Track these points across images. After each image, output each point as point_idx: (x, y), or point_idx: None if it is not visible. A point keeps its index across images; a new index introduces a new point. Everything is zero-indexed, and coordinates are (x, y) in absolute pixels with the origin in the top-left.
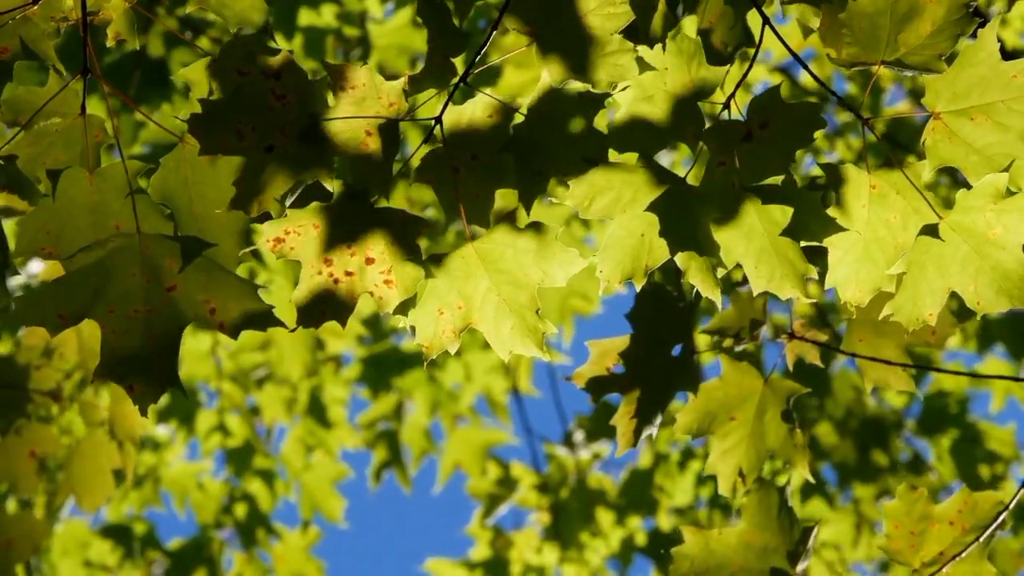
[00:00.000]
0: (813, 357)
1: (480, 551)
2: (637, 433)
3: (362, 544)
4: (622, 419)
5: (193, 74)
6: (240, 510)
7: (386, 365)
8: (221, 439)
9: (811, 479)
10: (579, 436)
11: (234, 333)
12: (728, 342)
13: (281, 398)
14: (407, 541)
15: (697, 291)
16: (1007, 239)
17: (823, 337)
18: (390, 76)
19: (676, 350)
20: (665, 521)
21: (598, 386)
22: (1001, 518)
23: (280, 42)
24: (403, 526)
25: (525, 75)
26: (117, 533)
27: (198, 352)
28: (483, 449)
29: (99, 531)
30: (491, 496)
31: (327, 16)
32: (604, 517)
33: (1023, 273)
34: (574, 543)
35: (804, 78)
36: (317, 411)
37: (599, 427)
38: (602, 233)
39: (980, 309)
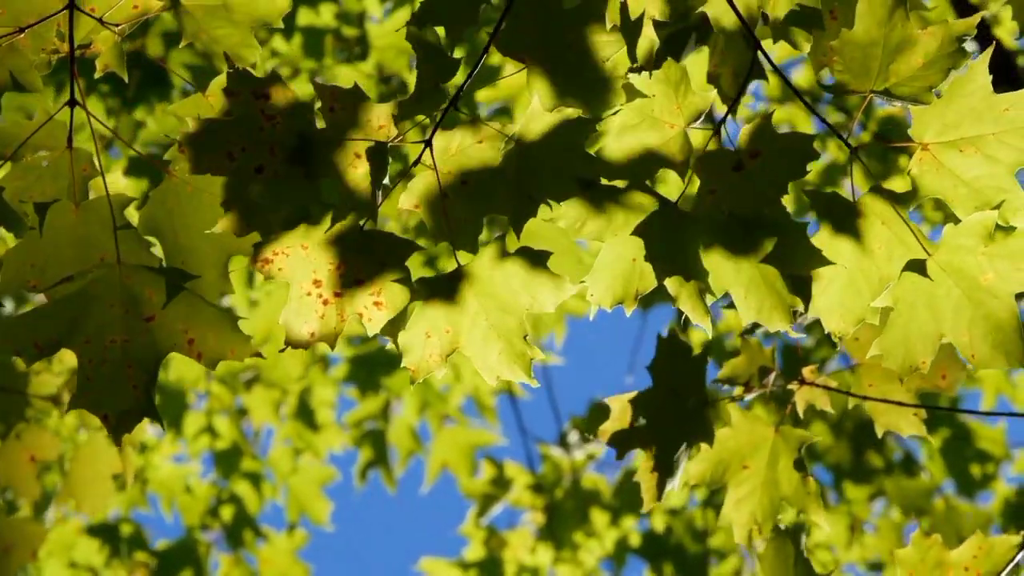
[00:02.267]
0: (824, 403)
1: (474, 551)
2: (660, 487)
3: (350, 547)
4: (644, 474)
5: (183, 111)
6: (227, 512)
7: (374, 365)
8: (209, 441)
9: (826, 527)
10: (574, 437)
11: (212, 364)
12: (739, 391)
13: (270, 400)
14: (396, 543)
15: (707, 343)
16: (999, 287)
17: (834, 383)
18: (389, 76)
19: (691, 400)
20: (659, 522)
21: (622, 441)
22: (1016, 561)
23: (278, 43)
24: (392, 528)
25: (522, 77)
26: (103, 534)
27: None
28: (471, 449)
29: (85, 532)
30: (485, 496)
31: (326, 16)
32: (598, 518)
33: (1016, 326)
34: (568, 543)
35: (793, 80)
36: (305, 414)
37: (594, 428)
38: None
39: (976, 364)
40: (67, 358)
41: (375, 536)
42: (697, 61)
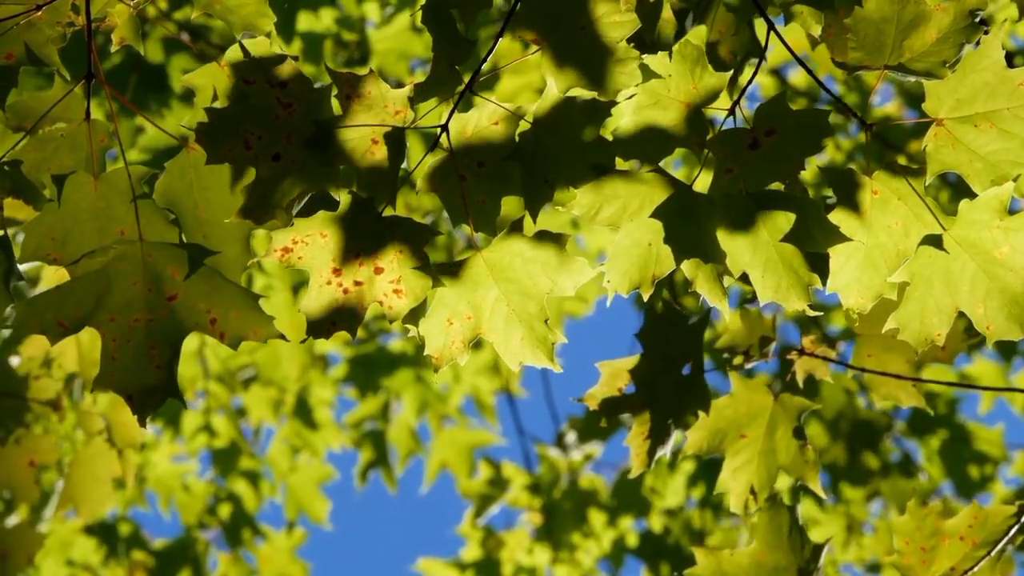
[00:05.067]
0: (823, 373)
1: (471, 551)
2: (651, 454)
3: (349, 546)
4: (635, 440)
5: (197, 80)
6: (225, 511)
7: (374, 365)
8: (207, 439)
9: (823, 495)
10: (571, 437)
11: (235, 344)
12: (738, 359)
13: (268, 399)
14: (394, 543)
15: (705, 309)
16: (1015, 260)
17: (832, 353)
18: (389, 81)
19: (686, 369)
20: (657, 522)
21: (610, 407)
22: (1012, 532)
23: (278, 47)
24: (390, 528)
25: (521, 80)
26: (101, 533)
27: (184, 352)
28: (470, 450)
29: (83, 531)
30: (482, 496)
31: (326, 21)
32: (596, 518)
33: None
34: (566, 544)
35: (794, 79)
36: (304, 412)
37: (591, 428)
38: (593, 235)
39: (991, 336)
40: (67, 362)
41: (373, 535)
42: (694, 38)
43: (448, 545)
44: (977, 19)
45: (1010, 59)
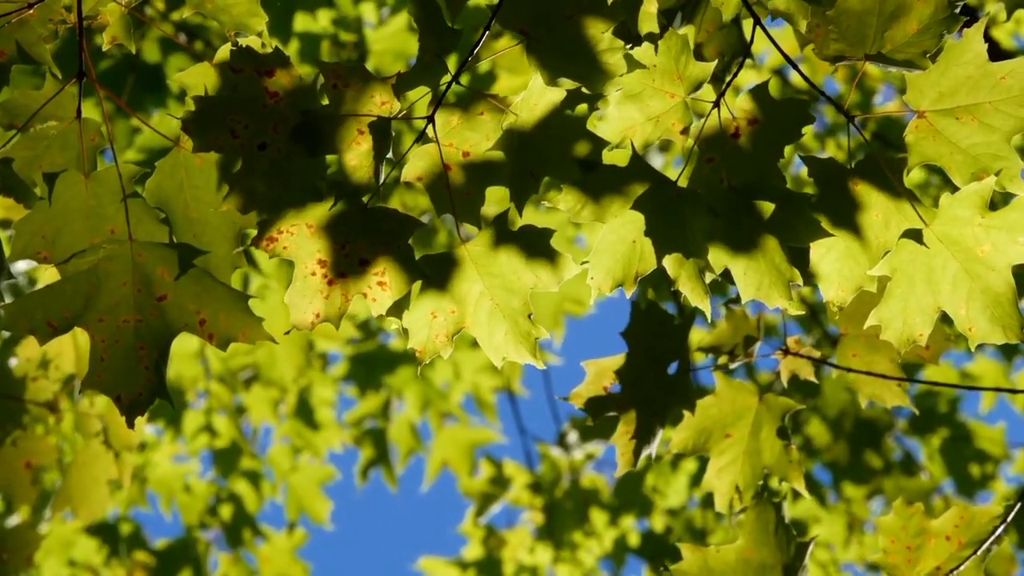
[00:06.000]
0: (807, 373)
1: (473, 550)
2: (636, 453)
3: (350, 545)
4: (621, 439)
5: (189, 78)
6: (226, 511)
7: (374, 363)
8: (208, 440)
9: (806, 495)
10: (573, 436)
11: (223, 345)
12: (723, 359)
13: (268, 399)
14: (395, 542)
15: (692, 309)
16: (996, 259)
17: (817, 353)
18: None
19: (672, 368)
20: (659, 522)
21: (595, 406)
22: (998, 533)
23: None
24: (391, 527)
25: (519, 80)
26: (103, 533)
27: (186, 353)
28: (471, 448)
29: (84, 531)
30: (484, 495)
31: (323, 21)
32: (597, 517)
33: (1012, 298)
34: (567, 543)
35: (796, 79)
36: (304, 413)
37: (593, 427)
38: (593, 233)
39: (973, 338)
40: (64, 364)
41: (374, 534)
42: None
43: (450, 544)
44: (957, 9)
45: (1011, 58)
